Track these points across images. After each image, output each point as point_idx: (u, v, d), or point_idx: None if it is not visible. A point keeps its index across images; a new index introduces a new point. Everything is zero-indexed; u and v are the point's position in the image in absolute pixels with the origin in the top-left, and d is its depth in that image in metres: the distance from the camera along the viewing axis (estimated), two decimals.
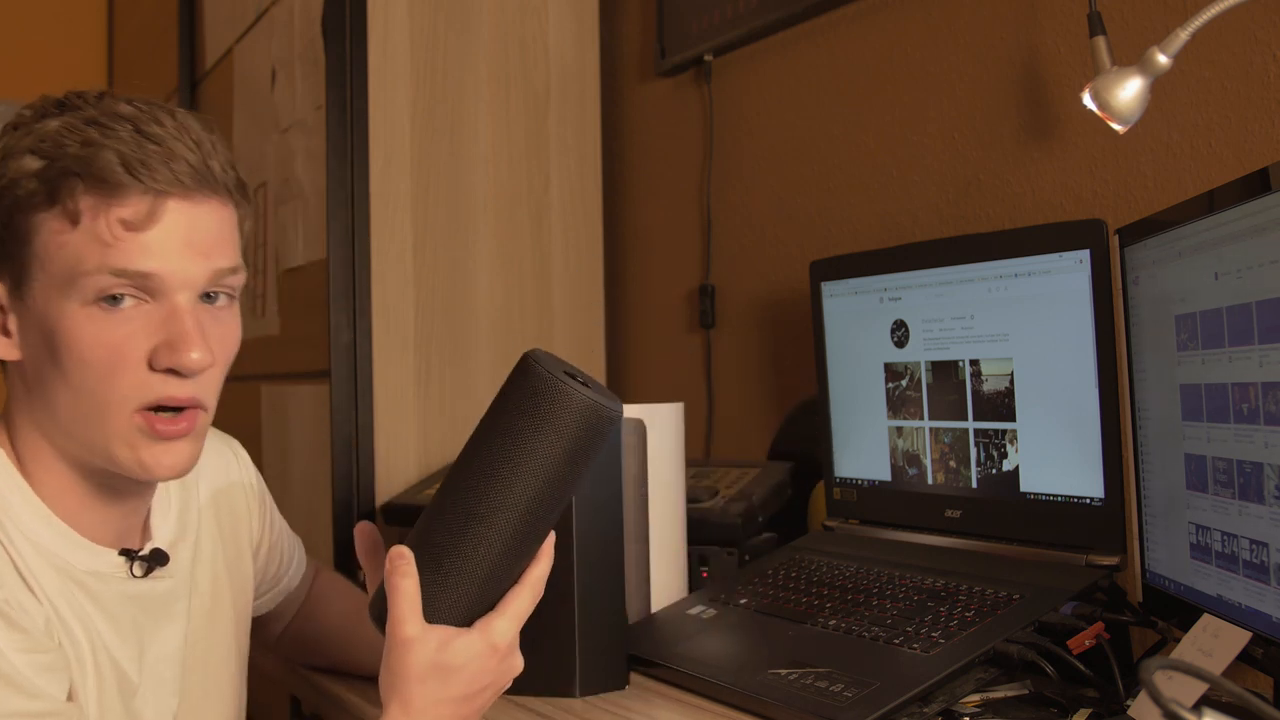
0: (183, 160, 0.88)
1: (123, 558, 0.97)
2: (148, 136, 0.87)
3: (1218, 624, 0.90)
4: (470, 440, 0.90)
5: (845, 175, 1.68)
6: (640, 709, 1.07)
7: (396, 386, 1.77)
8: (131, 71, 3.42)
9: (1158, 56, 1.11)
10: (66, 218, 0.86)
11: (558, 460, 0.86)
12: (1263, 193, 0.85)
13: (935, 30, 1.54)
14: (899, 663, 1.01)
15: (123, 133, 0.87)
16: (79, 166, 0.86)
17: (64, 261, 0.86)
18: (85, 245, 0.86)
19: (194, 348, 0.87)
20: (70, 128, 0.87)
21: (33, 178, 0.86)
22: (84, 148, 0.86)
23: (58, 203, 0.86)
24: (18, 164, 0.87)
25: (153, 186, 0.86)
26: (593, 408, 0.85)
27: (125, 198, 0.86)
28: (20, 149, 0.87)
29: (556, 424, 0.85)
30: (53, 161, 0.86)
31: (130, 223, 0.86)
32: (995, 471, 1.23)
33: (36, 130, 0.88)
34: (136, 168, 0.86)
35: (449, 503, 0.89)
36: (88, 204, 0.86)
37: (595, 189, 2.01)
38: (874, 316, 1.37)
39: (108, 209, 0.86)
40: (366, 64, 1.75)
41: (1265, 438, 0.85)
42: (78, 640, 0.91)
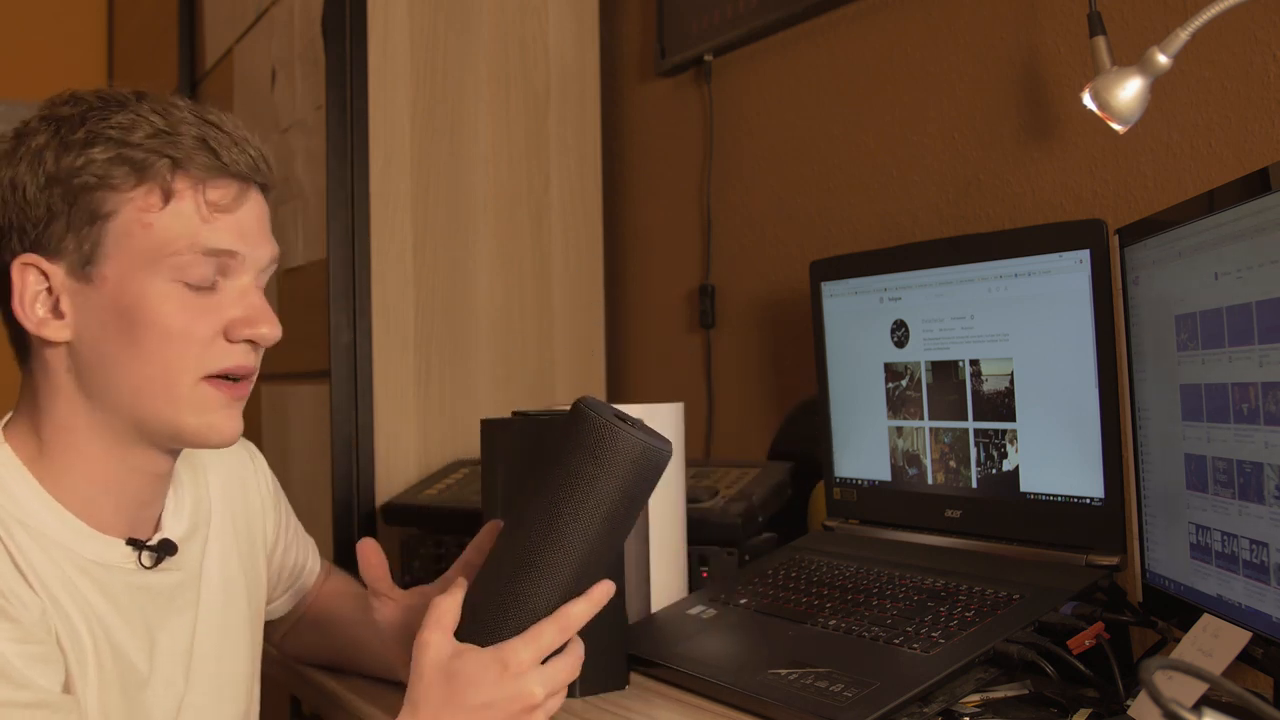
0: (252, 147, 0.95)
1: (131, 547, 0.97)
2: (213, 124, 0.93)
3: (1218, 624, 0.90)
4: (532, 486, 0.93)
5: (845, 175, 1.68)
6: (640, 709, 1.07)
7: (396, 386, 1.77)
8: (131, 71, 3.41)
9: (1158, 56, 1.11)
10: (159, 196, 0.90)
11: (613, 503, 0.89)
12: (1263, 193, 0.85)
13: (935, 30, 1.54)
14: (899, 663, 1.01)
15: (190, 120, 0.93)
16: (164, 149, 0.90)
17: (151, 239, 0.90)
18: (175, 225, 0.90)
19: (269, 322, 0.95)
20: (134, 118, 0.91)
21: (113, 161, 0.90)
22: (159, 136, 0.91)
23: (146, 182, 0.90)
24: (86, 153, 0.90)
25: (237, 171, 0.93)
26: (646, 450, 0.89)
27: (216, 180, 0.92)
28: (81, 141, 0.90)
29: (612, 469, 0.88)
30: (127, 148, 0.90)
31: (219, 204, 0.92)
32: (995, 471, 1.23)
33: (92, 122, 0.91)
34: (220, 153, 0.92)
35: (508, 546, 0.92)
36: (182, 185, 0.91)
37: (595, 189, 2.01)
38: (874, 316, 1.37)
39: (198, 190, 0.91)
40: (366, 64, 1.75)
41: (1265, 438, 0.85)
42: (78, 631, 0.91)
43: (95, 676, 0.92)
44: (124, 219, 0.90)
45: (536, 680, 0.89)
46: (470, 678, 0.89)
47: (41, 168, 0.90)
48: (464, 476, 1.69)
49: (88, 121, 0.91)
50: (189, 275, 0.91)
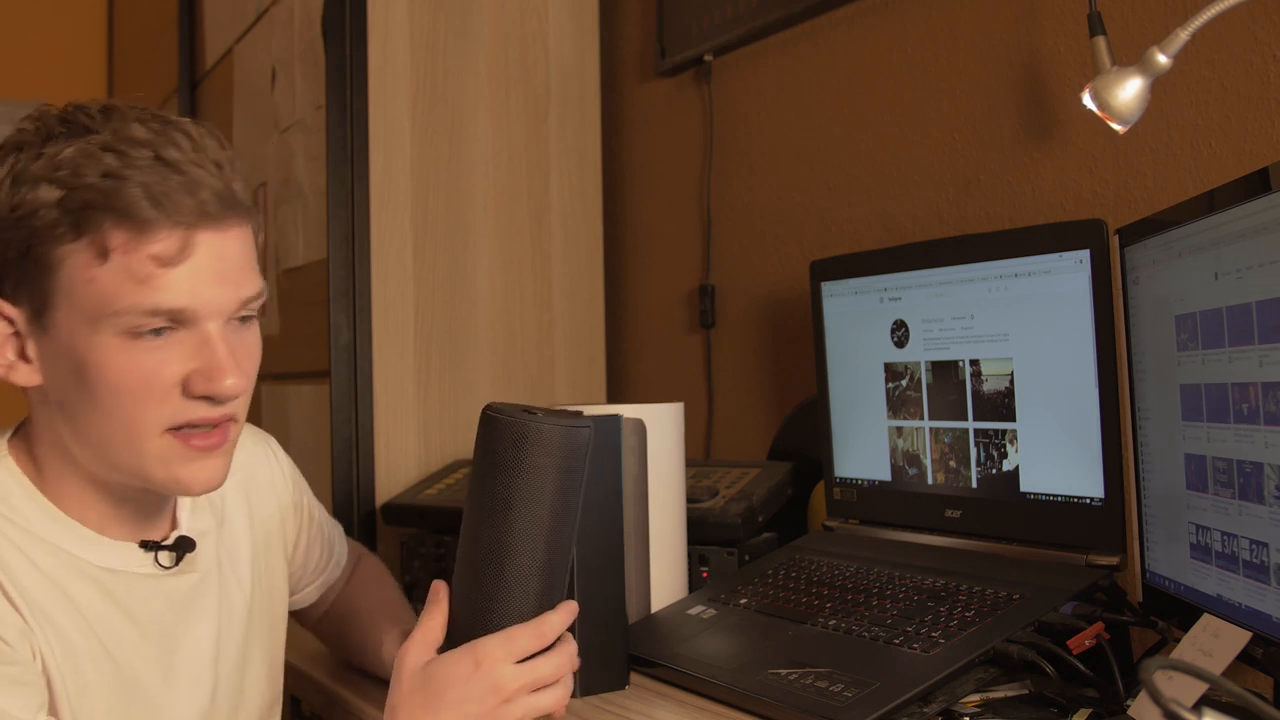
0: (207, 188, 0.86)
1: (145, 550, 0.97)
2: (169, 164, 0.85)
3: (1218, 624, 0.90)
4: (473, 500, 0.94)
5: (845, 175, 1.68)
6: (640, 709, 1.07)
7: (396, 386, 1.77)
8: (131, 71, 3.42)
9: (1158, 56, 1.11)
10: (94, 252, 0.84)
11: (551, 493, 0.91)
12: (1263, 193, 0.85)
13: (935, 30, 1.54)
14: (899, 663, 1.01)
15: (142, 161, 0.85)
16: (104, 200, 0.83)
17: (93, 296, 0.85)
18: (116, 281, 0.84)
19: (229, 374, 0.87)
20: (86, 154, 0.85)
21: (54, 208, 0.84)
22: (105, 179, 0.84)
23: (84, 236, 0.84)
24: (35, 193, 0.84)
25: (181, 220, 0.85)
26: (564, 434, 0.90)
27: (155, 233, 0.84)
28: (34, 175, 0.85)
29: (537, 461, 0.90)
30: (73, 192, 0.84)
31: (161, 258, 0.85)
32: (995, 471, 1.23)
33: (48, 155, 0.85)
34: (163, 201, 0.84)
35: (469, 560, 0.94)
36: (118, 240, 0.84)
37: (595, 189, 2.01)
38: (874, 316, 1.37)
39: (138, 245, 0.84)
40: (366, 64, 1.75)
41: (1265, 438, 0.85)
42: (72, 644, 0.90)
43: (95, 684, 0.92)
44: (68, 271, 0.85)
45: (509, 674, 0.90)
46: (444, 677, 0.89)
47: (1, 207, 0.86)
48: (464, 476, 1.69)
49: (43, 155, 0.85)
50: (133, 332, 0.85)
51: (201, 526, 1.04)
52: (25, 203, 0.85)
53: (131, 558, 0.96)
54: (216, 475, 0.92)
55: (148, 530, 0.98)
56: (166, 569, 0.98)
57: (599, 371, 2.00)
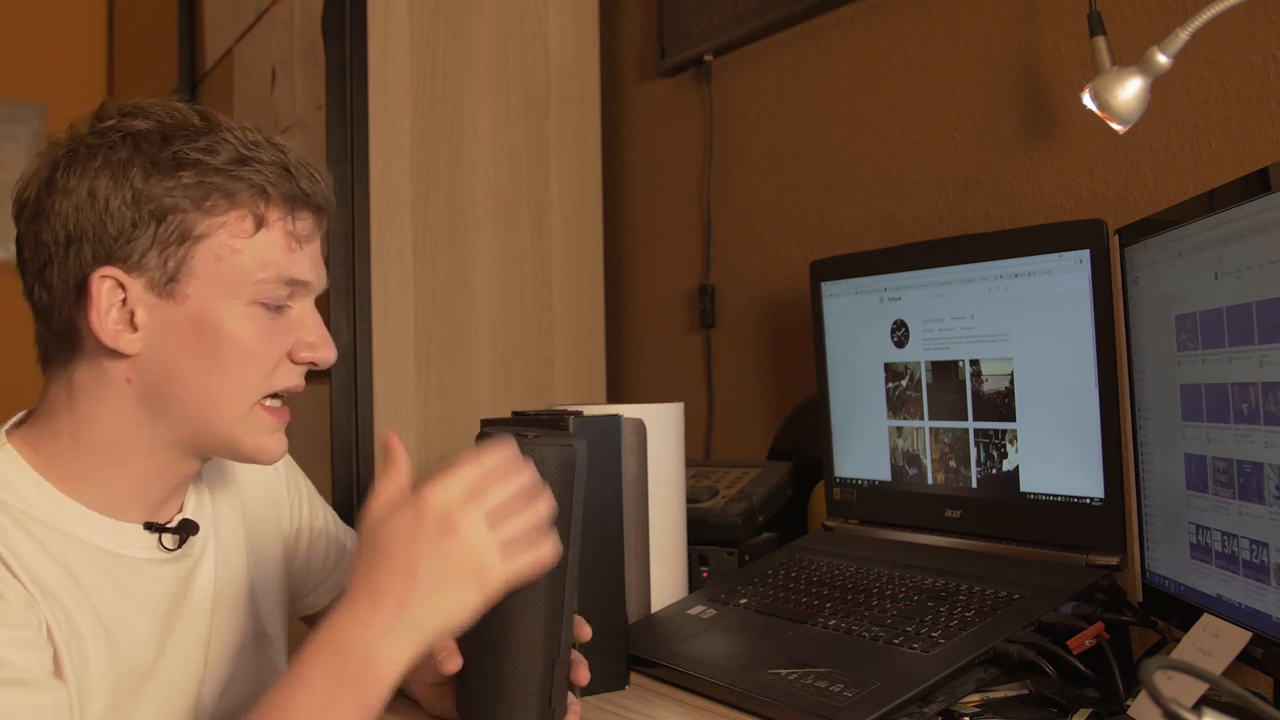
0: (323, 180, 0.98)
1: (149, 531, 0.98)
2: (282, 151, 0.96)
3: (1218, 624, 0.90)
4: None
5: (845, 175, 1.68)
6: (640, 709, 1.07)
7: (396, 386, 1.77)
8: (131, 71, 3.42)
9: (1158, 56, 1.11)
10: (251, 223, 0.93)
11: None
12: (1263, 193, 0.85)
13: (935, 30, 1.54)
14: (899, 663, 1.01)
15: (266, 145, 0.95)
16: (257, 178, 0.93)
17: (238, 264, 0.93)
18: (263, 251, 0.93)
19: (330, 346, 0.98)
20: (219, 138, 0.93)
21: (204, 186, 0.91)
22: (250, 162, 0.93)
23: (238, 209, 0.92)
24: (179, 174, 0.91)
25: (316, 203, 0.97)
26: (557, 455, 0.91)
27: (301, 212, 0.96)
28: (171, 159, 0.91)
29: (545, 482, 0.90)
30: (220, 171, 0.92)
31: (302, 234, 0.96)
32: (995, 471, 1.23)
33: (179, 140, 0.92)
34: (304, 183, 0.95)
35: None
36: (274, 215, 0.94)
37: (595, 189, 2.01)
38: (874, 316, 1.37)
39: (289, 220, 0.95)
40: (366, 64, 1.75)
41: (1265, 438, 0.85)
42: (75, 623, 0.91)
43: (97, 667, 0.92)
44: (215, 242, 0.92)
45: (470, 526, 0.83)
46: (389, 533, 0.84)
47: (128, 182, 0.91)
48: None
49: (171, 142, 0.92)
50: (267, 300, 0.94)
51: (204, 515, 1.05)
52: (167, 183, 0.91)
53: (135, 539, 0.97)
54: (285, 448, 1.00)
55: (154, 514, 1.00)
56: (169, 552, 0.99)
57: (599, 371, 2.00)
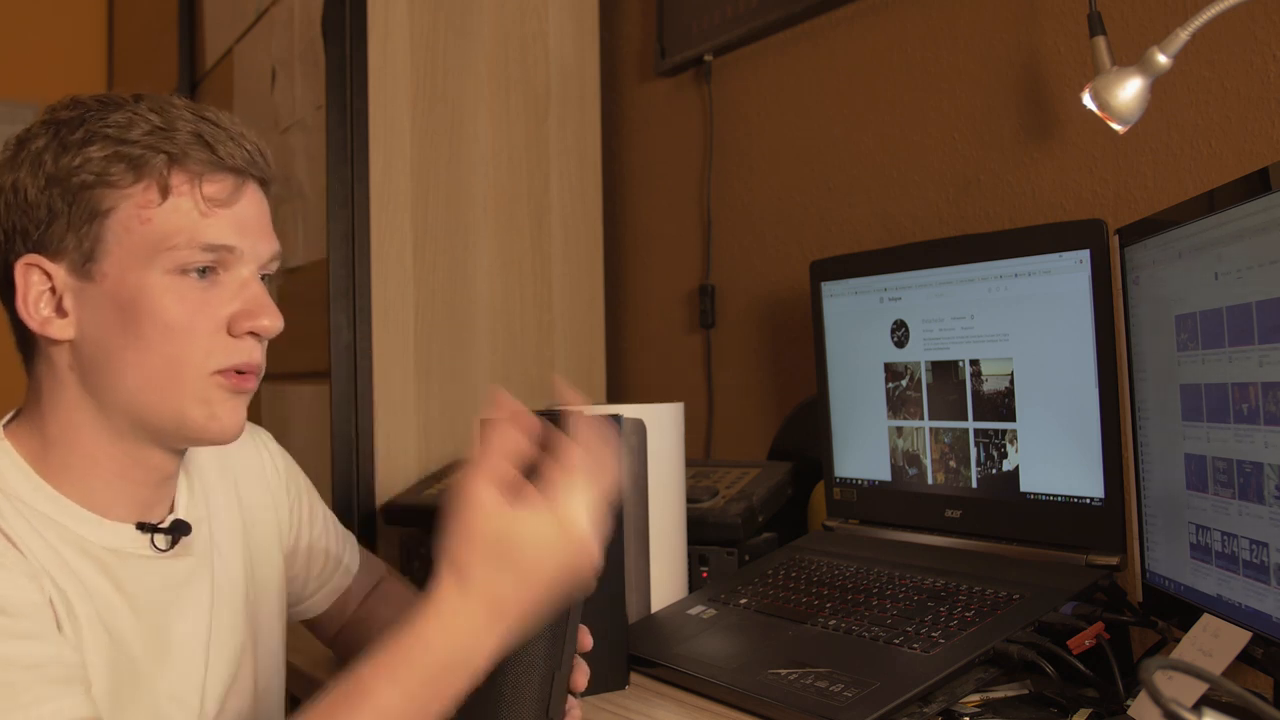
0: (249, 143, 0.96)
1: (141, 531, 0.98)
2: (211, 122, 0.94)
3: (1218, 624, 0.90)
4: None
5: (845, 175, 1.68)
6: (640, 709, 1.07)
7: (397, 386, 1.77)
8: (131, 71, 3.42)
9: (1158, 56, 1.11)
10: (154, 193, 0.91)
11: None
12: (1263, 193, 0.85)
13: (935, 30, 1.54)
14: (899, 663, 1.01)
15: (188, 117, 0.94)
16: (165, 145, 0.91)
17: (149, 234, 0.91)
18: (173, 219, 0.91)
19: (272, 314, 0.95)
20: (134, 115, 0.92)
21: (110, 159, 0.91)
22: (158, 131, 0.92)
23: (144, 179, 0.91)
24: (84, 151, 0.91)
25: (233, 165, 0.94)
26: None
27: (213, 175, 0.93)
28: (80, 140, 0.91)
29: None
30: (125, 145, 0.91)
31: (217, 199, 0.93)
32: (995, 471, 1.23)
33: (90, 123, 0.92)
34: (217, 148, 0.93)
35: None
36: (179, 180, 0.92)
37: (595, 189, 2.01)
38: (874, 316, 1.37)
39: (198, 184, 0.92)
40: (366, 64, 1.75)
41: (1265, 438, 0.85)
42: (73, 607, 0.91)
43: (91, 655, 0.92)
44: (123, 215, 0.91)
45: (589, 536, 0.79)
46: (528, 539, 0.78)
47: (41, 169, 0.91)
48: None
49: (86, 122, 0.92)
50: (185, 266, 0.92)
51: (197, 513, 1.05)
52: (73, 161, 0.91)
53: (128, 539, 0.97)
54: (242, 420, 0.97)
55: (145, 514, 0.99)
56: (162, 551, 0.99)
57: (599, 371, 2.00)
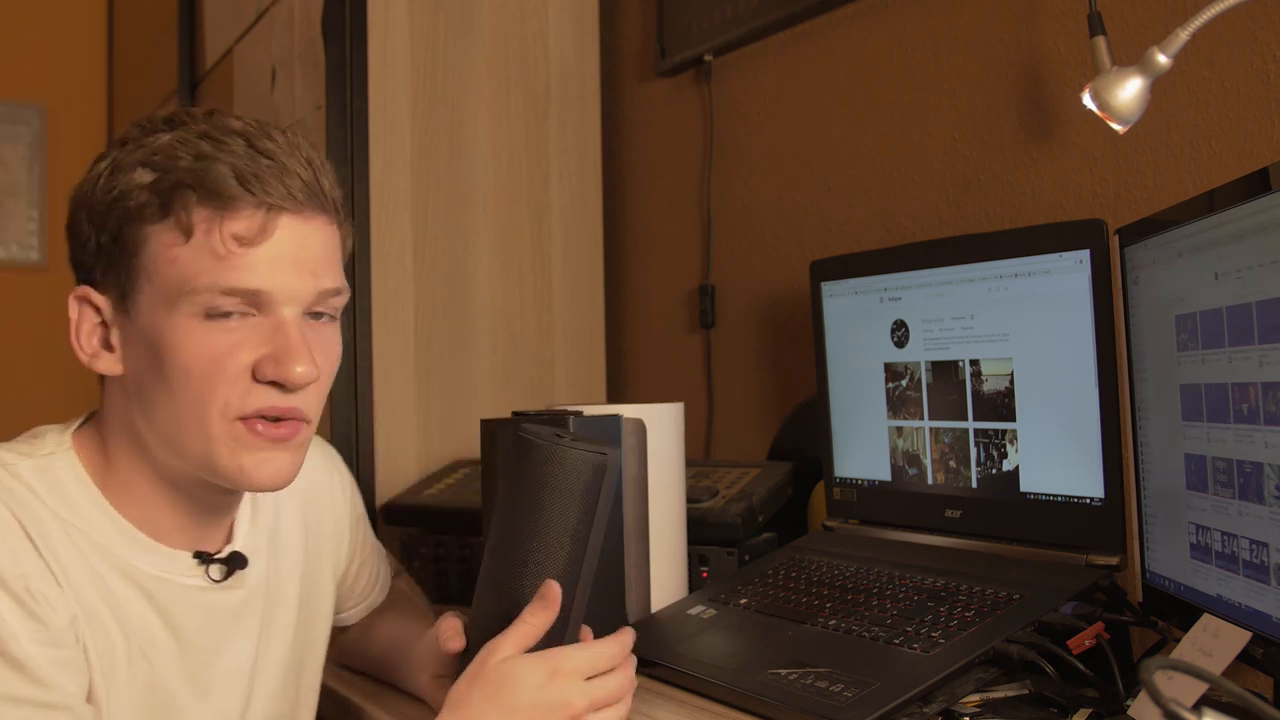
0: (296, 176, 0.88)
1: (197, 560, 0.96)
2: (260, 151, 0.87)
3: (1218, 624, 0.90)
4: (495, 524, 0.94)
5: (845, 175, 1.68)
6: (640, 709, 1.07)
7: (397, 386, 1.77)
8: (131, 72, 3.42)
9: (1158, 56, 1.11)
10: (179, 230, 0.86)
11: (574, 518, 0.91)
12: (1263, 193, 0.85)
13: (935, 30, 1.54)
14: (899, 663, 1.01)
15: (235, 146, 0.87)
16: (192, 179, 0.85)
17: (174, 275, 0.86)
18: (197, 259, 0.85)
19: (300, 361, 0.87)
20: (182, 141, 0.87)
21: (145, 190, 0.86)
22: (197, 160, 0.86)
23: (170, 215, 0.86)
24: (128, 177, 0.87)
25: (265, 200, 0.86)
26: (593, 460, 0.90)
27: (238, 211, 0.86)
28: (131, 162, 0.87)
29: (566, 486, 0.90)
30: (165, 174, 0.86)
31: (242, 237, 0.86)
32: (995, 471, 1.23)
33: (148, 144, 0.87)
34: (250, 181, 0.86)
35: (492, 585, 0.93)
36: (201, 217, 0.86)
37: (595, 189, 2.01)
38: (874, 316, 1.37)
39: (221, 222, 0.86)
40: (366, 64, 1.75)
41: (1265, 438, 0.85)
42: (111, 641, 0.90)
43: (126, 687, 0.91)
44: (151, 251, 0.87)
45: (580, 691, 0.89)
46: (518, 679, 0.87)
47: (92, 197, 0.88)
48: (464, 476, 1.69)
49: (143, 146, 0.88)
50: (209, 312, 0.86)
51: (255, 544, 1.03)
52: (119, 186, 0.87)
53: (182, 567, 0.95)
54: (284, 471, 0.91)
55: (203, 541, 0.97)
56: (216, 582, 0.97)
57: (599, 371, 2.00)
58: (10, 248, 3.58)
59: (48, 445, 0.93)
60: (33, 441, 0.94)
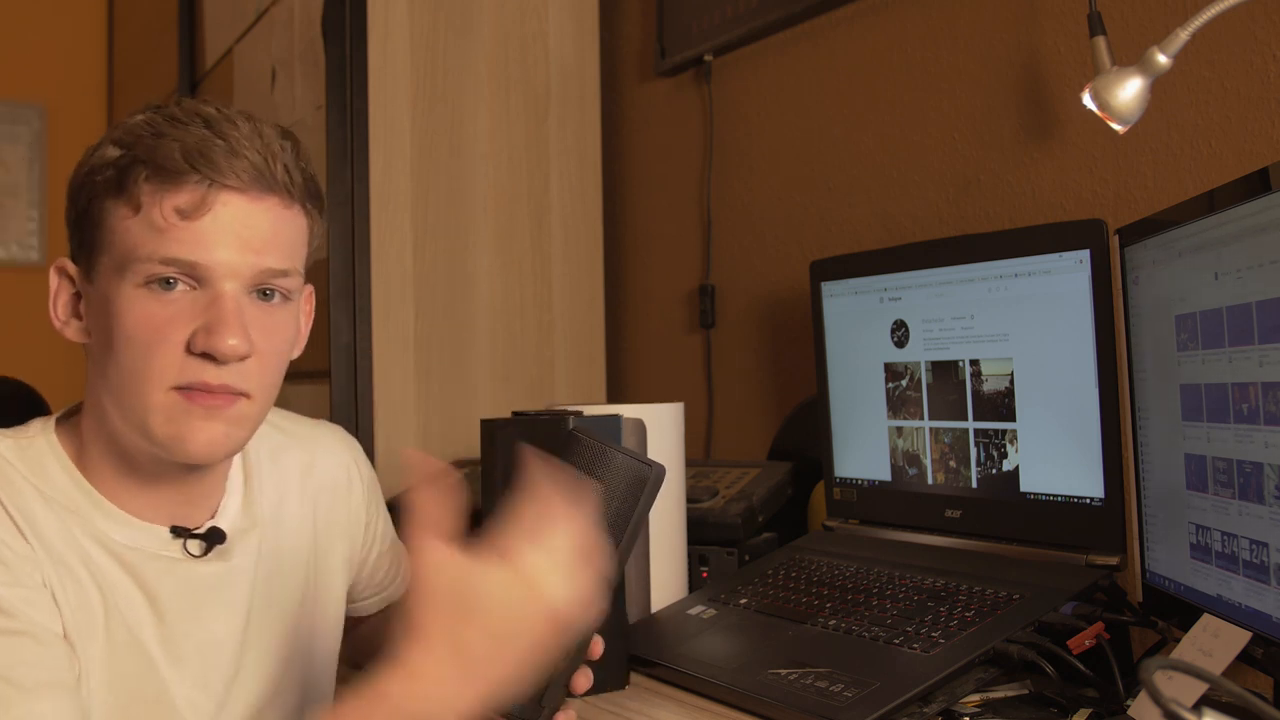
0: (245, 158, 0.90)
1: (173, 534, 0.98)
2: (217, 133, 0.90)
3: (1218, 624, 0.90)
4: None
5: (845, 175, 1.68)
6: (640, 709, 1.07)
7: (397, 386, 1.77)
8: (131, 71, 3.42)
9: (1158, 56, 1.11)
10: (129, 204, 0.90)
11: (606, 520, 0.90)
12: (1263, 193, 0.85)
13: (935, 30, 1.54)
14: (899, 663, 1.01)
15: (193, 127, 0.90)
16: (145, 155, 0.90)
17: (123, 245, 0.90)
18: (142, 231, 0.89)
19: (230, 334, 0.88)
20: (149, 121, 0.91)
21: (109, 166, 0.91)
22: (154, 138, 0.90)
23: (124, 190, 0.90)
24: (101, 153, 0.92)
25: (209, 176, 0.89)
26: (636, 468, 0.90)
27: (181, 186, 0.89)
28: (105, 141, 0.93)
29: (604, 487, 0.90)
30: (126, 150, 0.90)
31: (183, 211, 0.89)
32: (995, 471, 1.23)
33: (123, 124, 0.93)
34: (195, 158, 0.89)
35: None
36: (148, 191, 0.89)
37: (595, 189, 2.01)
38: (874, 316, 1.37)
39: (164, 196, 0.89)
40: (366, 64, 1.75)
41: (1265, 438, 0.85)
42: (89, 601, 0.91)
43: (104, 645, 0.92)
44: (109, 224, 0.91)
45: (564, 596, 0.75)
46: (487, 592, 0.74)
47: (74, 174, 0.94)
48: (464, 476, 1.69)
49: (120, 124, 0.93)
50: (151, 280, 0.89)
51: (247, 523, 1.04)
52: (91, 163, 0.92)
53: (157, 541, 0.97)
54: (217, 441, 0.91)
55: (182, 519, 0.99)
56: (195, 556, 0.99)
57: (599, 371, 2.00)
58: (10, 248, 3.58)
59: (31, 430, 0.97)
60: (18, 428, 0.98)
